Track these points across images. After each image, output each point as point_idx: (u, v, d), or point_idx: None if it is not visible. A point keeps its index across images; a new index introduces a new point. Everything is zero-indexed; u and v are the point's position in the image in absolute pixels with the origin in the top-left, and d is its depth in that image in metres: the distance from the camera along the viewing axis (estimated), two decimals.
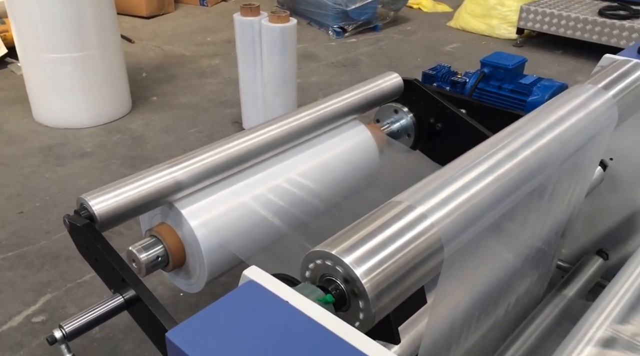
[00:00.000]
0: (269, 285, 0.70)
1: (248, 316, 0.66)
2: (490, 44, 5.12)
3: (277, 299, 0.68)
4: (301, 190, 1.51)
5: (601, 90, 1.25)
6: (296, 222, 1.43)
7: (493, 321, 1.28)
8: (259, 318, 0.65)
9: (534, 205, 1.26)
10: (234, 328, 0.64)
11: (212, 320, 0.65)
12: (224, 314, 0.66)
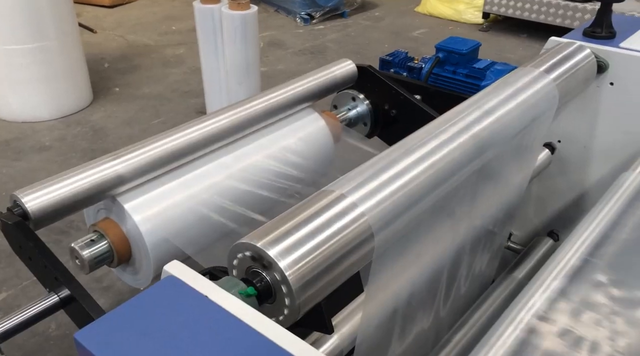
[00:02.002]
0: (190, 280, 0.69)
1: (164, 313, 0.64)
2: (457, 28, 5.14)
3: (196, 294, 0.67)
4: (252, 182, 1.49)
5: (542, 73, 1.26)
6: (248, 216, 1.42)
7: (442, 305, 1.30)
8: (175, 314, 0.64)
9: (480, 187, 1.27)
10: (148, 326, 0.62)
11: (125, 318, 0.64)
12: (138, 311, 0.65)
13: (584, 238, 1.03)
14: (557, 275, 0.93)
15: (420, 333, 1.23)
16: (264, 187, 1.49)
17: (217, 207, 1.37)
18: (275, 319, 0.75)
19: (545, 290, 0.92)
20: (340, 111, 1.89)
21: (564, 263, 0.96)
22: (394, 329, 1.06)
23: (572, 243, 1.01)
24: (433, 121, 1.11)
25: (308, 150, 1.65)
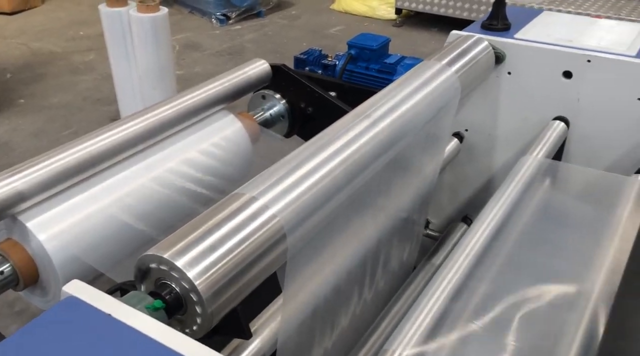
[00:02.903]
0: (91, 298, 0.65)
1: (63, 336, 0.61)
2: (372, 25, 5.25)
3: (99, 313, 0.64)
4: (168, 189, 1.44)
5: (445, 66, 1.31)
6: (165, 225, 1.37)
7: (366, 296, 1.32)
8: (76, 336, 0.61)
9: (395, 178, 1.31)
10: (46, 352, 0.59)
11: (21, 346, 0.60)
12: (35, 338, 0.61)
13: (488, 221, 1.08)
14: (465, 258, 0.97)
15: (345, 327, 1.25)
16: (181, 194, 1.45)
17: (132, 217, 1.32)
18: (189, 330, 0.74)
19: (456, 273, 0.95)
20: (256, 112, 1.87)
21: (472, 246, 1.01)
22: (316, 328, 1.06)
23: (479, 227, 1.06)
24: (342, 118, 1.12)
25: (225, 153, 1.62)
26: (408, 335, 0.82)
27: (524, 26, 1.55)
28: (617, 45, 1.39)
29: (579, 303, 0.98)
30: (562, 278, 1.07)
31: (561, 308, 0.99)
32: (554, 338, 0.91)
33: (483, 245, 1.03)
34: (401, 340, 0.81)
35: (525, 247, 1.15)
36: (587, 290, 1.00)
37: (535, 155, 1.31)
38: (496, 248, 1.07)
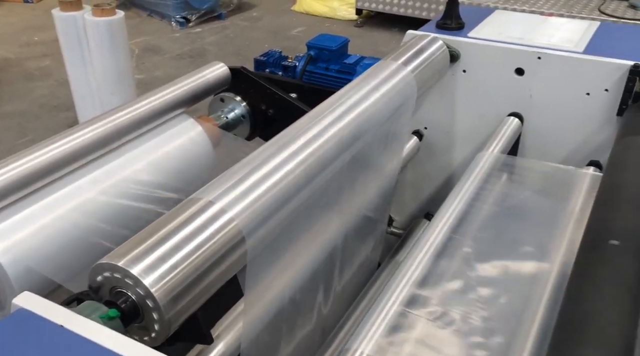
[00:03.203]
0: (42, 310, 0.64)
1: (14, 350, 0.59)
2: (333, 25, 5.28)
3: (51, 325, 0.62)
4: (128, 196, 1.42)
5: (401, 66, 1.32)
6: (125, 233, 1.35)
7: (330, 296, 1.33)
8: (27, 349, 0.59)
9: (356, 178, 1.32)
10: None
11: None
12: None
13: (447, 217, 1.10)
14: (425, 254, 0.99)
15: (311, 327, 1.25)
16: (141, 201, 1.43)
17: (90, 227, 1.29)
18: (147, 338, 0.73)
19: (415, 269, 0.97)
20: (217, 115, 1.85)
21: (431, 242, 1.02)
22: (280, 330, 1.06)
23: (437, 223, 1.08)
24: (300, 119, 1.13)
25: (186, 157, 1.60)
26: (369, 333, 0.83)
27: (477, 25, 1.59)
28: (566, 42, 1.44)
29: (535, 293, 1.01)
30: (519, 270, 1.10)
31: (519, 298, 1.01)
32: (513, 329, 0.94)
33: (442, 241, 1.05)
34: (362, 338, 0.82)
35: (484, 240, 1.17)
36: (544, 280, 1.03)
37: (491, 151, 1.34)
38: (455, 242, 1.09)
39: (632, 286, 0.73)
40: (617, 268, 0.75)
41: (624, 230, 0.83)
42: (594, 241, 0.82)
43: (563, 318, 0.70)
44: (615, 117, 1.34)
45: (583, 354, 0.64)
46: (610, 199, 0.92)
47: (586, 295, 0.72)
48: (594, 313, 0.68)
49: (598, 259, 0.78)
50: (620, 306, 0.70)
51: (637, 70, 1.27)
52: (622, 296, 0.71)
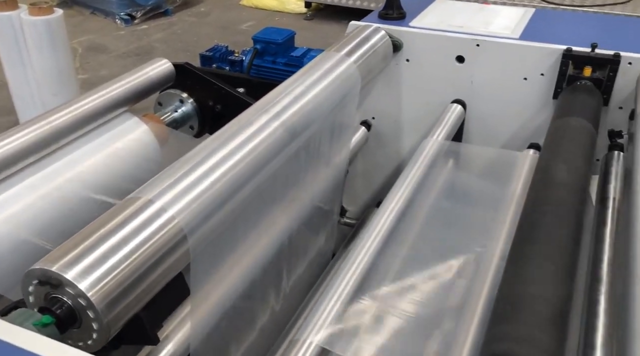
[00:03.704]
0: None
1: None
2: (283, 19, 5.24)
3: None
4: (70, 200, 1.37)
5: (344, 57, 1.33)
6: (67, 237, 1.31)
7: (284, 289, 1.33)
8: None
9: (305, 169, 1.32)
10: None
11: None
12: None
13: (393, 205, 1.11)
14: (372, 242, 1.00)
15: (266, 321, 1.25)
16: (85, 204, 1.38)
17: (30, 233, 1.24)
18: (90, 342, 0.71)
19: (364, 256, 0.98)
20: (163, 113, 1.81)
21: (378, 230, 1.03)
22: (232, 326, 1.05)
23: (384, 211, 1.09)
24: (243, 113, 1.11)
25: (131, 157, 1.56)
26: (318, 323, 0.83)
27: (418, 14, 1.61)
28: (503, 29, 1.48)
29: (480, 275, 1.03)
30: (465, 253, 1.12)
31: (465, 281, 1.04)
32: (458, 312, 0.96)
33: (389, 230, 1.07)
34: (311, 329, 0.82)
35: (431, 224, 1.20)
36: (488, 259, 1.06)
37: (435, 138, 1.36)
38: (403, 228, 1.11)
39: (565, 262, 0.76)
40: (551, 245, 0.78)
41: (557, 208, 0.86)
42: (529, 220, 0.85)
43: (501, 296, 0.73)
44: (552, 100, 1.38)
45: (520, 329, 0.66)
46: (545, 179, 0.95)
47: (521, 272, 0.74)
48: (529, 289, 0.71)
49: (533, 237, 0.80)
50: (555, 281, 0.72)
51: (570, 54, 1.32)
52: (556, 272, 0.74)
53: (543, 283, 0.71)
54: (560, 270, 0.74)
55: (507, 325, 0.67)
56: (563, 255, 0.76)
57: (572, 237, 0.81)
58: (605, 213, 1.11)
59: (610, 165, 1.26)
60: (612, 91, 1.31)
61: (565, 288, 0.71)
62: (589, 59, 1.30)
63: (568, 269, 0.75)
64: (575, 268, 0.78)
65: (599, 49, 1.30)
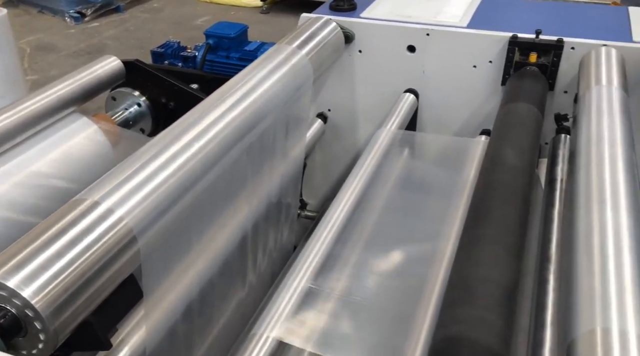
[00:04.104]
0: None
1: None
2: (239, 13, 5.19)
3: None
4: (18, 206, 1.32)
5: (295, 49, 1.32)
6: None
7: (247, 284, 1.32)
8: None
9: (261, 164, 1.31)
10: None
11: None
12: None
13: (347, 196, 1.12)
14: (327, 235, 1.00)
15: (228, 317, 1.24)
16: (33, 210, 1.34)
17: None
18: (35, 351, 0.68)
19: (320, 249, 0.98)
20: (115, 112, 1.77)
21: (333, 222, 1.04)
22: (193, 326, 1.04)
23: (338, 204, 1.10)
24: (193, 108, 1.10)
25: (81, 159, 1.51)
26: (274, 317, 0.83)
27: (369, 5, 1.61)
28: (451, 17, 1.50)
29: (436, 258, 1.05)
30: (421, 238, 1.14)
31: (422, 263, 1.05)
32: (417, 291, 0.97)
33: (344, 219, 1.07)
34: (267, 323, 0.82)
35: (387, 213, 1.21)
36: (443, 245, 1.08)
37: (389, 128, 1.37)
38: (359, 219, 1.12)
39: (513, 244, 0.78)
40: (498, 228, 0.80)
41: (505, 192, 0.88)
42: (478, 205, 0.87)
43: (452, 280, 0.74)
44: (501, 86, 1.41)
45: (471, 311, 0.67)
46: (493, 164, 0.97)
47: (471, 256, 0.75)
48: (478, 272, 0.72)
49: (482, 221, 0.82)
50: (503, 263, 0.74)
51: (515, 41, 1.35)
52: (504, 254, 0.76)
53: (491, 266, 0.73)
54: (508, 252, 0.76)
55: (458, 308, 0.68)
56: (511, 238, 0.78)
57: (520, 219, 0.84)
58: (554, 194, 1.15)
59: (558, 148, 1.30)
60: (557, 76, 1.35)
61: (513, 269, 0.73)
62: (533, 45, 1.33)
63: (516, 251, 0.77)
64: (523, 249, 0.80)
65: (543, 35, 1.33)
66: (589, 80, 1.13)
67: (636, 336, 0.57)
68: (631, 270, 0.65)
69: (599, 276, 0.65)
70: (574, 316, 0.61)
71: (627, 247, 0.68)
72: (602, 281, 0.64)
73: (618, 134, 0.92)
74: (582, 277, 0.66)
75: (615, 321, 0.59)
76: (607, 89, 1.07)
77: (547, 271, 0.93)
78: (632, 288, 0.62)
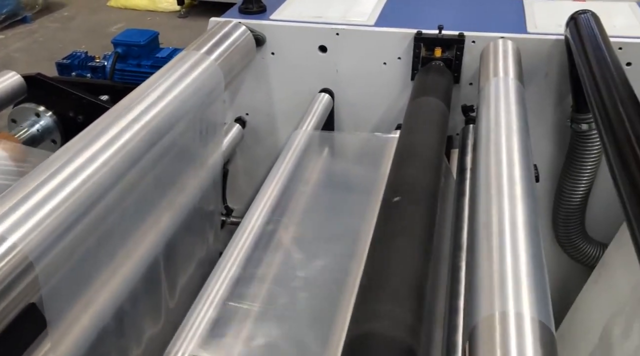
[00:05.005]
0: None
1: None
2: (156, 18, 5.05)
3: None
4: None
5: (204, 55, 1.29)
6: None
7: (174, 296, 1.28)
8: None
9: (177, 173, 1.28)
10: None
11: None
12: None
13: (265, 201, 1.11)
14: (244, 243, 0.99)
15: (155, 333, 1.20)
16: None
17: None
18: None
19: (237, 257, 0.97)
20: (19, 130, 1.67)
21: (250, 229, 1.03)
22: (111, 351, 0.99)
23: (256, 208, 1.09)
24: (95, 121, 1.05)
25: None
26: (190, 332, 0.81)
27: (279, 6, 1.61)
28: (359, 16, 1.52)
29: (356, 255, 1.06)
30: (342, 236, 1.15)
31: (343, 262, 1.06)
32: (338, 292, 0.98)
33: (261, 226, 1.06)
34: (183, 339, 0.79)
35: (307, 214, 1.21)
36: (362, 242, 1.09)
37: (304, 129, 1.37)
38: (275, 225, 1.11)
39: (420, 236, 0.80)
40: (406, 222, 0.81)
41: (412, 185, 0.90)
42: (387, 200, 0.88)
43: (363, 277, 0.75)
44: (410, 82, 1.45)
45: (379, 307, 0.68)
46: (400, 159, 0.99)
47: (380, 251, 0.77)
48: (387, 267, 0.73)
49: (390, 216, 0.84)
50: (410, 256, 0.76)
51: (420, 37, 1.39)
52: (412, 247, 0.77)
53: (399, 260, 0.74)
54: (416, 244, 0.77)
55: (367, 304, 0.69)
56: (419, 230, 0.80)
57: (428, 211, 0.86)
58: (464, 184, 1.20)
59: (466, 138, 1.35)
60: (461, 69, 1.40)
61: (421, 261, 0.75)
62: (437, 41, 1.38)
63: (424, 243, 0.79)
64: (432, 241, 0.82)
65: (445, 30, 1.37)
66: (488, 72, 1.18)
67: (530, 318, 0.59)
68: (526, 255, 0.68)
69: (497, 262, 0.67)
70: (475, 302, 0.64)
71: (522, 232, 0.72)
72: (500, 267, 0.66)
73: (514, 123, 0.97)
74: (482, 264, 0.69)
75: (512, 305, 0.61)
76: (504, 80, 1.13)
77: (459, 259, 0.96)
78: (527, 271, 0.66)
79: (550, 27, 1.37)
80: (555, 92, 1.40)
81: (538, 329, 0.59)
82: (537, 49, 1.34)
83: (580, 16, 1.20)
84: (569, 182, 1.43)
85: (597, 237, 1.55)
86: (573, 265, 1.63)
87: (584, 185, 1.42)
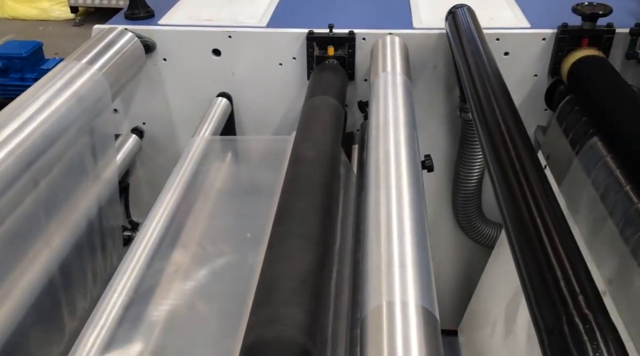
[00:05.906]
0: None
1: None
2: (49, 27, 4.76)
3: None
4: None
5: (86, 66, 1.23)
6: None
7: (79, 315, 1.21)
8: None
9: (70, 189, 1.21)
10: None
11: None
12: None
13: (162, 210, 1.07)
14: (141, 254, 0.95)
15: None
16: None
17: None
18: None
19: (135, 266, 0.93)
20: None
21: (147, 240, 0.99)
22: None
23: (153, 219, 1.05)
24: None
25: None
26: (86, 349, 0.76)
27: (168, 11, 1.56)
28: (251, 18, 1.51)
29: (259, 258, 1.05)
30: (244, 240, 1.14)
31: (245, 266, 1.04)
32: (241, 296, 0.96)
33: (159, 236, 1.02)
34: None
35: (210, 220, 1.19)
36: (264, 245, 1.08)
37: (202, 135, 1.34)
38: (177, 230, 1.07)
39: (313, 235, 0.80)
40: (299, 222, 0.81)
41: (306, 185, 0.90)
42: (282, 201, 0.88)
43: (258, 281, 0.74)
44: (307, 81, 1.46)
45: (271, 311, 0.67)
46: (295, 159, 0.99)
47: (273, 253, 0.76)
48: (279, 268, 0.73)
49: (284, 217, 0.83)
50: (302, 255, 0.76)
51: (312, 37, 1.40)
52: (304, 246, 0.77)
53: (290, 260, 0.74)
54: (308, 243, 0.77)
55: (260, 308, 0.68)
56: (311, 229, 0.80)
57: (321, 209, 0.86)
58: (364, 178, 1.21)
59: (365, 133, 1.37)
60: (354, 66, 1.43)
61: (312, 260, 0.75)
62: (329, 39, 1.39)
63: (318, 242, 0.80)
64: (326, 238, 0.83)
65: (336, 28, 1.39)
66: (377, 67, 1.21)
67: (415, 305, 0.61)
68: (411, 244, 0.70)
69: (385, 254, 0.69)
70: (364, 293, 0.65)
71: (408, 222, 0.74)
72: (387, 258, 0.68)
73: (401, 117, 0.99)
74: (371, 256, 0.70)
75: (398, 295, 0.63)
76: (392, 75, 1.16)
77: (360, 252, 0.98)
78: (412, 260, 0.67)
79: (434, 21, 1.43)
80: (444, 83, 1.46)
81: (422, 315, 0.60)
82: (424, 43, 1.39)
83: (457, 10, 1.26)
84: (464, 169, 1.50)
85: (494, 218, 1.64)
86: (476, 248, 1.71)
87: (477, 170, 1.49)
